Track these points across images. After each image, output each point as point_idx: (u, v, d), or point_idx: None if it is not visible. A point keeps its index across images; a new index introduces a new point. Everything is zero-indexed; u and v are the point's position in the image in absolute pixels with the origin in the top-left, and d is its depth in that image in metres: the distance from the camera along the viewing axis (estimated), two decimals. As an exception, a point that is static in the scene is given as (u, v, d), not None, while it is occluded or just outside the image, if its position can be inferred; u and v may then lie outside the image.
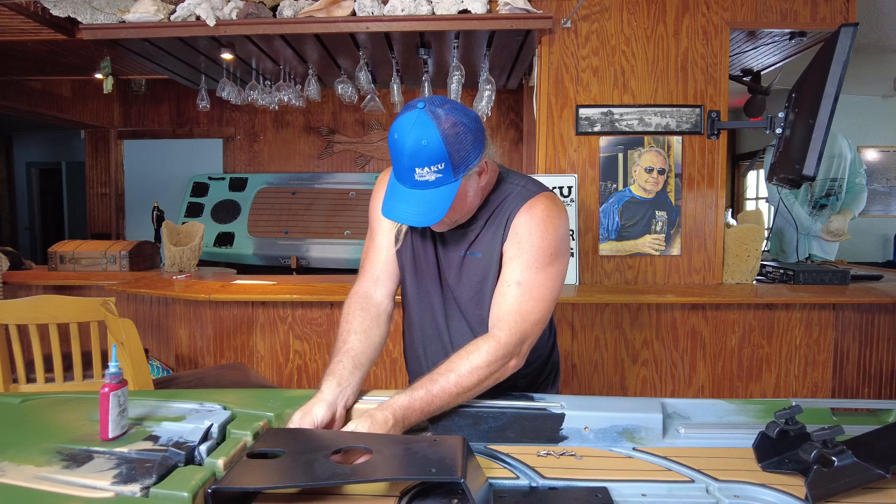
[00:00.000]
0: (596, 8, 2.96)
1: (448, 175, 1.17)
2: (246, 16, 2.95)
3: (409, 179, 1.18)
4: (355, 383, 1.25)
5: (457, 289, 1.37)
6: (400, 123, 1.16)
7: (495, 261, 1.31)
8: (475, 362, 1.19)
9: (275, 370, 2.92)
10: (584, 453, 1.12)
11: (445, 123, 1.15)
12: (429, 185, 1.17)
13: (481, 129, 1.23)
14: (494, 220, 1.31)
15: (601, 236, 3.03)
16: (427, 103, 1.17)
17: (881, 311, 2.74)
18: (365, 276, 1.43)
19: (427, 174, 1.16)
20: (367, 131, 5.97)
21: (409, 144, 1.15)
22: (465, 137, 1.17)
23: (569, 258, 1.37)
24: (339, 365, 1.25)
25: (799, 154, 2.16)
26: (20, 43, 3.53)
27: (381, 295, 1.42)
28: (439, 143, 1.14)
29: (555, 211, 1.29)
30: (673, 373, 2.79)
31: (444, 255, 1.38)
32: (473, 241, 1.33)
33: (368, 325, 1.34)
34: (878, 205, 5.95)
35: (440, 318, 1.41)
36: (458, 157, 1.17)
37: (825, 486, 0.93)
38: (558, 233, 1.28)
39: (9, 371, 2.24)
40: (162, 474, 0.90)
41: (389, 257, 1.43)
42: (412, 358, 1.51)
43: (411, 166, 1.16)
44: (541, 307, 1.26)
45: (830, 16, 2.92)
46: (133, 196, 6.27)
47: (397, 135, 1.16)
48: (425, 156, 1.15)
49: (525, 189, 1.33)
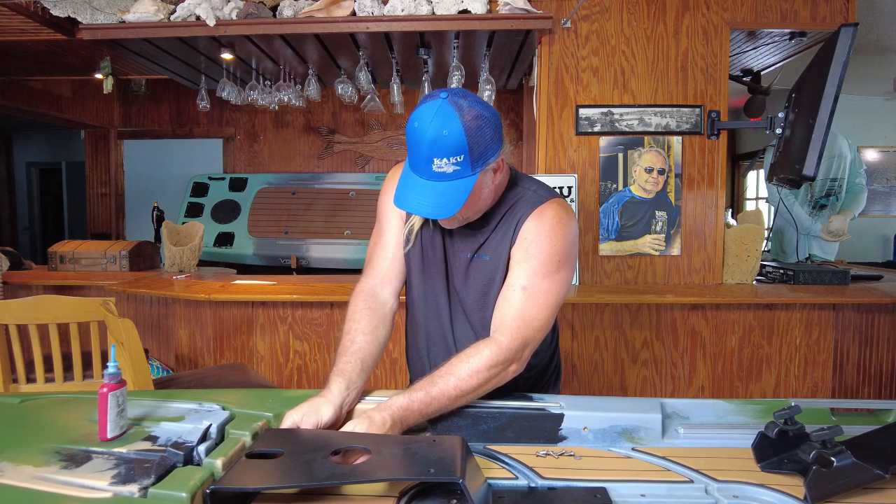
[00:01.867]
0: (596, 8, 2.96)
1: (466, 168, 1.15)
2: (246, 16, 2.95)
3: (426, 170, 1.16)
4: (361, 386, 1.24)
5: (463, 291, 1.36)
6: (421, 112, 1.14)
7: (502, 264, 1.31)
8: (475, 366, 1.18)
9: (275, 370, 2.92)
10: (583, 453, 1.12)
11: (468, 115, 1.13)
12: (446, 178, 1.15)
13: (500, 125, 1.22)
14: (504, 223, 1.31)
15: (601, 236, 3.03)
16: (450, 94, 1.15)
17: (881, 311, 2.74)
18: (371, 272, 1.42)
19: (445, 165, 1.14)
20: (367, 131, 5.97)
21: (429, 134, 1.12)
22: (485, 131, 1.16)
23: (575, 266, 1.36)
24: (349, 365, 1.24)
25: (799, 154, 2.15)
26: (20, 43, 3.53)
27: (388, 293, 1.41)
28: (461, 134, 1.12)
29: (565, 218, 1.29)
30: (673, 373, 2.79)
31: (452, 256, 1.37)
32: (483, 243, 1.33)
33: (376, 325, 1.33)
34: (878, 205, 5.95)
35: (445, 320, 1.40)
36: (478, 150, 1.15)
37: (824, 486, 0.93)
38: (567, 240, 1.28)
39: (9, 371, 2.24)
40: (160, 475, 0.90)
41: (396, 255, 1.41)
42: (415, 358, 1.51)
43: (430, 156, 1.14)
44: (544, 314, 1.26)
45: (830, 16, 2.92)
46: (133, 196, 6.28)
47: (417, 123, 1.14)
48: (445, 146, 1.13)
49: (536, 194, 1.32)
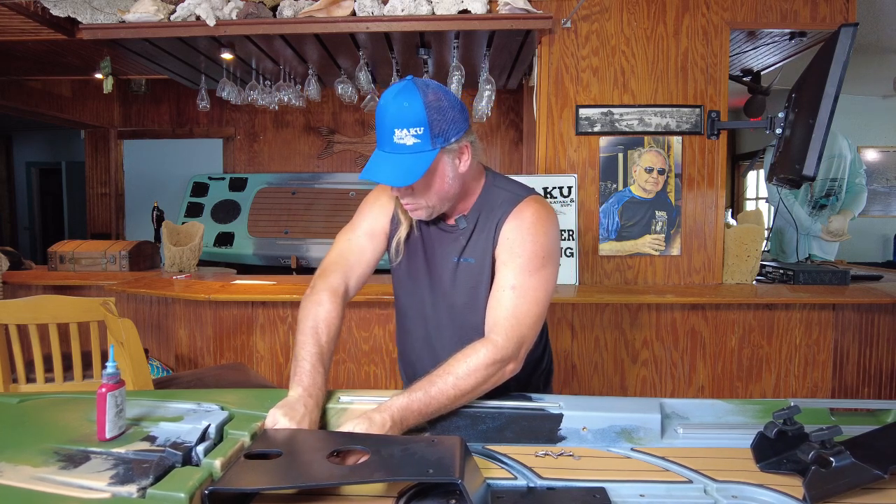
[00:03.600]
0: (596, 8, 2.96)
1: (426, 142, 1.21)
2: (246, 16, 2.95)
3: (388, 142, 1.22)
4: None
5: (451, 295, 1.38)
6: (387, 91, 1.23)
7: (487, 265, 1.33)
8: (473, 365, 1.19)
9: (275, 370, 2.92)
10: (582, 453, 1.12)
11: (429, 93, 1.21)
12: (406, 149, 1.20)
13: (465, 115, 1.28)
14: (484, 225, 1.34)
15: (601, 236, 3.03)
16: (415, 78, 1.24)
17: (881, 311, 2.73)
18: (337, 272, 1.40)
19: (406, 137, 1.20)
20: (367, 131, 5.96)
21: (392, 107, 1.20)
22: (447, 112, 1.22)
23: (559, 259, 1.38)
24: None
25: (799, 154, 2.15)
26: (20, 43, 3.53)
27: (352, 289, 1.42)
28: (420, 107, 1.19)
29: (543, 214, 1.31)
30: (673, 373, 2.79)
31: (438, 263, 1.39)
32: (465, 246, 1.35)
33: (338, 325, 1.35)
34: (878, 205, 5.95)
35: (432, 326, 1.43)
36: (438, 127, 1.21)
37: (823, 486, 0.93)
38: (548, 236, 1.30)
39: (8, 371, 2.24)
40: (159, 475, 0.90)
41: (363, 260, 1.43)
42: (407, 363, 1.54)
43: (391, 128, 1.20)
44: (536, 310, 1.27)
45: (830, 16, 2.92)
46: (133, 196, 6.28)
47: (383, 101, 1.22)
48: (405, 117, 1.19)
49: (512, 193, 1.35)
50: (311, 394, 1.17)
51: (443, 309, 1.40)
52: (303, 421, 1.10)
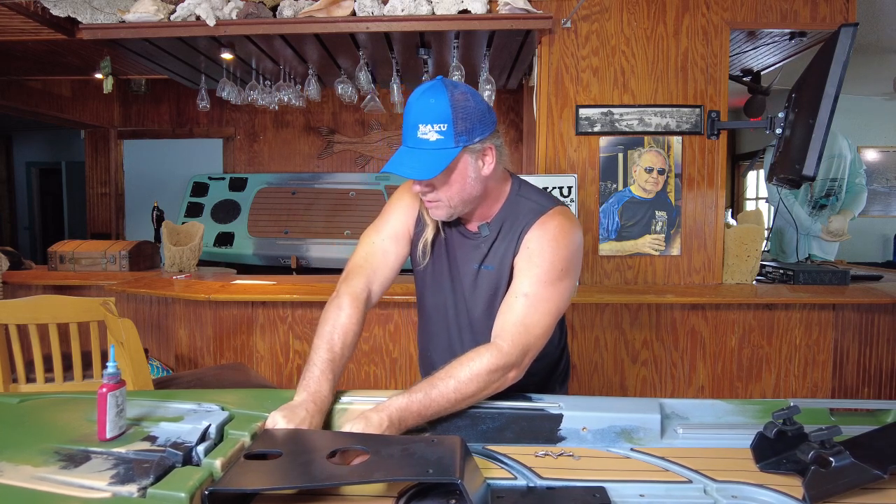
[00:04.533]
0: (596, 8, 2.96)
1: (449, 139, 1.21)
2: (246, 16, 2.95)
3: (412, 137, 1.23)
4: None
5: (471, 301, 1.39)
6: (416, 89, 1.25)
7: (506, 274, 1.33)
8: (475, 370, 1.18)
9: (275, 370, 2.92)
10: (581, 453, 1.12)
11: (456, 93, 1.23)
12: (429, 145, 1.22)
13: (492, 118, 1.28)
14: (507, 233, 1.33)
15: (601, 236, 3.03)
16: (445, 78, 1.27)
17: (881, 311, 2.73)
18: (361, 276, 1.41)
19: (429, 132, 1.21)
20: (367, 131, 5.97)
21: (417, 103, 1.23)
22: (472, 111, 1.23)
23: (579, 274, 1.38)
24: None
25: (799, 154, 2.15)
26: (20, 43, 3.53)
27: (375, 294, 1.44)
28: (446, 105, 1.21)
29: (568, 227, 1.30)
30: (673, 373, 2.79)
31: (460, 269, 1.40)
32: (487, 254, 1.35)
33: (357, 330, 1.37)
34: (878, 205, 5.95)
35: (453, 330, 1.43)
36: (462, 125, 1.22)
37: (823, 486, 0.93)
38: (570, 249, 1.29)
39: (8, 371, 2.24)
40: (159, 475, 0.90)
41: (387, 263, 1.43)
42: (427, 364, 1.53)
43: (416, 123, 1.22)
44: (546, 321, 1.27)
45: (830, 16, 2.92)
46: (133, 196, 6.27)
47: (410, 97, 1.24)
48: (430, 113, 1.21)
49: (538, 204, 1.34)
50: (314, 399, 1.16)
51: (463, 314, 1.41)
52: (302, 425, 1.10)
